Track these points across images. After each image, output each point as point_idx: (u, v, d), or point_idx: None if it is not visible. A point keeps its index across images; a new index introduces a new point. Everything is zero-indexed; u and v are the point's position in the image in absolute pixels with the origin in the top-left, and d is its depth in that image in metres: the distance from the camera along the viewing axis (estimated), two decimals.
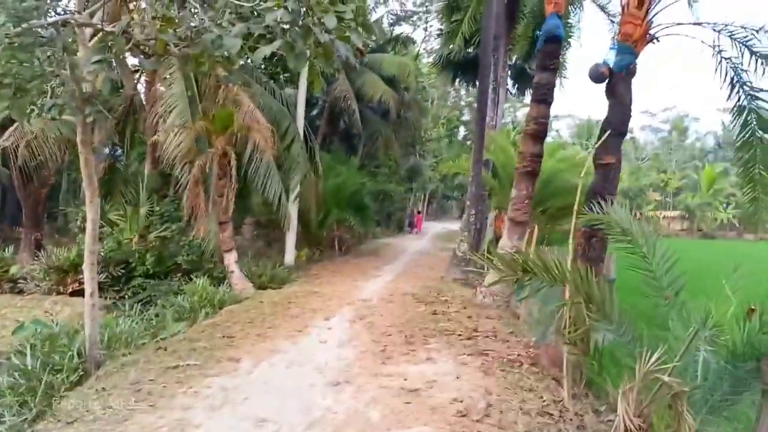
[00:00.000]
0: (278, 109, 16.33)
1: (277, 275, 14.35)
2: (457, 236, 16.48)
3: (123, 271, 12.78)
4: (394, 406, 5.19)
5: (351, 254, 21.08)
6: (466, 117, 56.33)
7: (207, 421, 4.81)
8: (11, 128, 12.87)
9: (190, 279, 12.92)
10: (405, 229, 40.41)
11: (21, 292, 12.46)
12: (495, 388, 5.81)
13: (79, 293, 12.40)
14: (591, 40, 51.14)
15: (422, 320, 9.10)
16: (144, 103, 15.71)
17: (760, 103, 8.54)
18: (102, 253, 12.18)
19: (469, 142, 55.66)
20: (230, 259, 12.77)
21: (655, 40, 8.65)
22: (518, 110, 59.31)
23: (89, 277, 7.07)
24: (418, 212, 45.53)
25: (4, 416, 5.55)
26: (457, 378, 6.09)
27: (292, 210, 15.90)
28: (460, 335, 8.06)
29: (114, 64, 7.04)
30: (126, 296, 12.39)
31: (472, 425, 4.80)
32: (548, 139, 14.62)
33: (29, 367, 6.54)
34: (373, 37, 25.57)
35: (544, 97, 10.62)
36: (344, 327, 8.71)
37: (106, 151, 16.83)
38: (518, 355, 7.07)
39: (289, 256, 16.44)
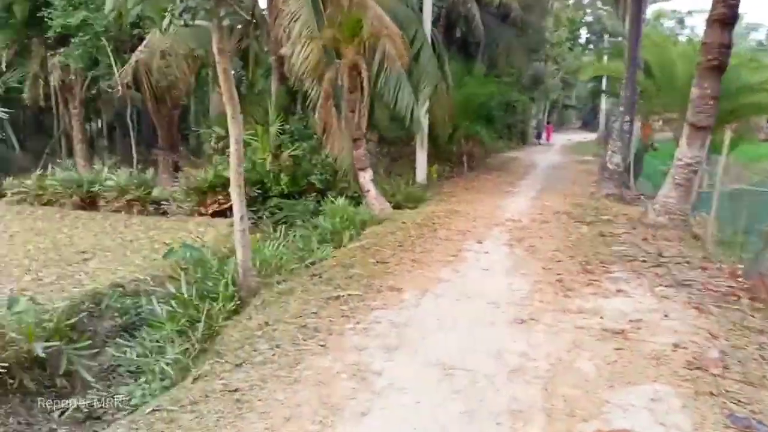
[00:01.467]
0: (404, 14, 15.09)
1: (411, 194, 13.67)
2: (587, 148, 14.88)
3: (259, 191, 12.57)
4: (604, 354, 4.31)
5: (479, 170, 19.97)
6: (589, 18, 51.64)
7: (387, 367, 4.18)
8: (140, 46, 12.71)
9: (323, 198, 12.56)
10: (532, 140, 38.46)
11: (164, 213, 12.63)
12: (718, 330, 4.76)
13: (220, 214, 12.46)
14: None
15: (591, 244, 8.03)
16: (265, 16, 15.06)
17: None
18: None
19: (591, 46, 51.45)
20: (365, 177, 12.14)
21: None
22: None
23: (237, 200, 6.61)
24: (548, 122, 43.26)
25: (166, 350, 5.28)
26: (666, 316, 5.08)
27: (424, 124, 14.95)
28: (644, 261, 6.94)
29: None
30: (264, 216, 12.23)
31: (716, 381, 3.83)
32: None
33: (185, 295, 6.28)
34: None
35: None
36: (503, 251, 7.84)
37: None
38: (729, 286, 5.89)
39: (421, 173, 15.64)
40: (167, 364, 4.94)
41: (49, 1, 13.81)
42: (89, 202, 13.20)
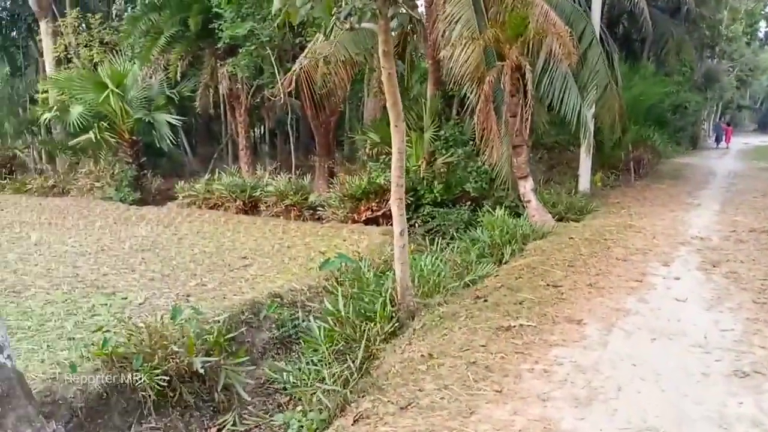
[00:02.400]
0: (571, 9, 14.03)
1: (574, 204, 12.62)
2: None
3: (411, 198, 12.21)
4: None
5: (649, 178, 18.21)
6: None
7: (581, 429, 3.47)
8: (301, 56, 12.91)
9: (478, 208, 11.94)
10: (706, 143, 35.07)
11: (320, 219, 12.70)
12: None
13: (373, 221, 12.28)
14: None
15: None
16: (422, 19, 14.72)
17: None
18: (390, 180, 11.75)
19: None
20: (526, 186, 11.35)
21: None
22: None
23: (397, 213, 6.18)
24: (727, 124, 39.36)
25: (323, 373, 4.96)
26: None
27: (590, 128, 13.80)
28: None
29: None
30: (416, 224, 11.86)
31: None
32: None
33: (342, 312, 5.98)
34: None
35: None
36: (697, 278, 6.74)
37: None
38: None
39: (584, 181, 14.48)
40: (324, 392, 4.60)
41: (219, 14, 14.49)
42: (251, 207, 13.64)
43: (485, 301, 5.98)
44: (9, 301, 6.66)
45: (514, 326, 5.10)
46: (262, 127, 21.57)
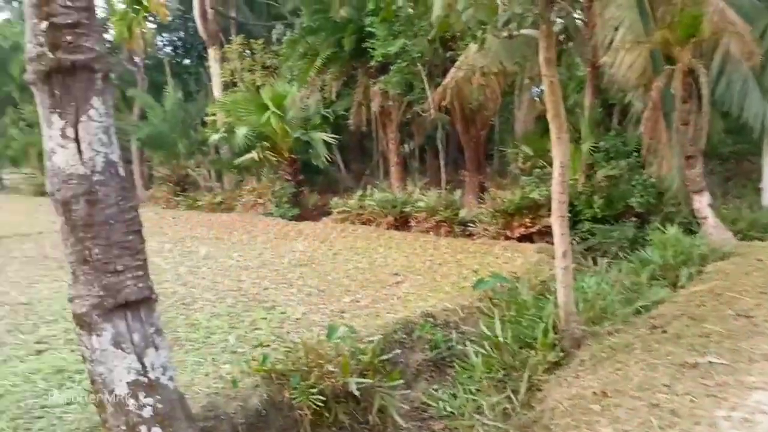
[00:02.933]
0: (750, 5, 12.60)
1: (758, 220, 11.22)
2: None
3: (569, 214, 11.50)
4: None
5: None
6: None
7: None
8: (451, 70, 12.73)
9: (644, 225, 10.98)
10: None
11: (470, 235, 12.38)
12: None
13: (526, 238, 11.71)
14: None
15: None
16: (579, 25, 13.95)
17: None
18: (544, 195, 11.16)
19: None
20: (701, 201, 10.24)
21: None
22: None
23: (559, 232, 5.75)
24: None
25: (481, 405, 4.64)
26: None
27: None
28: None
29: None
30: (573, 242, 11.13)
31: None
32: None
33: (499, 338, 5.64)
34: None
35: None
36: None
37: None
38: None
39: None
40: (483, 425, 4.29)
41: (372, 33, 14.77)
42: (402, 222, 13.66)
43: (664, 331, 5.32)
44: (179, 314, 7.08)
45: (702, 363, 4.45)
46: (412, 143, 21.70)
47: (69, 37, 2.87)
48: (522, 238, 11.63)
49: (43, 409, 4.51)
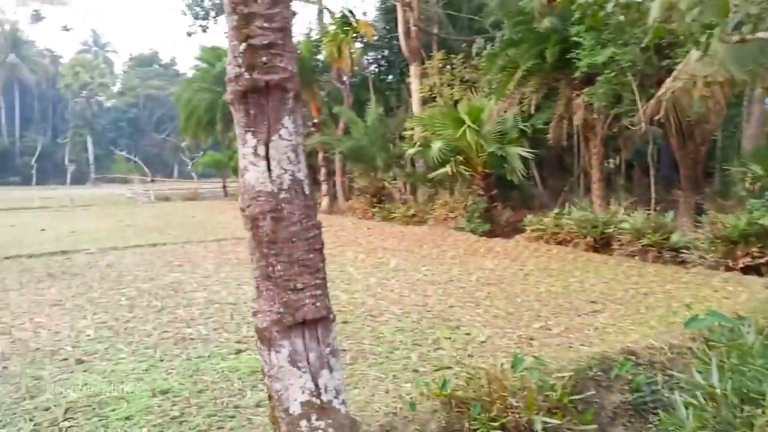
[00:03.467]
0: None
1: None
2: None
3: None
4: None
5: None
6: None
7: None
8: (667, 80, 11.60)
9: None
10: None
11: (683, 263, 11.10)
12: None
13: (753, 270, 10.13)
14: None
15: None
16: None
17: None
18: None
19: None
20: None
21: None
22: None
23: None
24: None
25: None
26: None
27: None
28: None
29: None
30: None
31: None
32: None
33: (716, 388, 4.83)
34: None
35: None
36: None
37: None
38: None
39: None
40: None
41: (578, 42, 14.03)
42: (602, 245, 12.70)
43: None
44: (366, 325, 7.18)
45: None
46: (618, 158, 20.25)
47: (264, 58, 2.93)
48: (747, 270, 10.14)
49: (236, 409, 4.76)
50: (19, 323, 7.43)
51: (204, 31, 37.44)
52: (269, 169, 2.92)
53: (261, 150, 2.93)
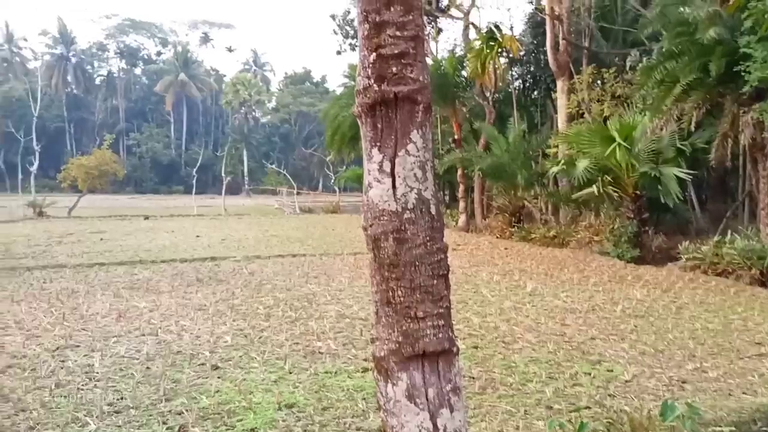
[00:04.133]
0: None
1: None
2: None
3: None
4: None
5: None
6: None
7: None
8: None
9: None
10: None
11: None
12: None
13: None
14: None
15: None
16: None
17: None
18: None
19: None
20: None
21: None
22: None
23: None
24: None
25: None
26: None
27: None
28: None
29: None
30: None
31: None
32: None
33: None
34: None
35: None
36: None
37: None
38: None
39: None
40: None
41: (748, 54, 12.66)
42: None
43: None
44: (497, 352, 6.81)
45: None
46: None
47: (395, 68, 2.77)
48: None
49: (358, 431, 4.63)
50: (165, 325, 7.90)
51: (353, 49, 39.07)
52: (394, 187, 2.74)
53: (386, 166, 2.75)
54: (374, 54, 2.78)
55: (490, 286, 11.18)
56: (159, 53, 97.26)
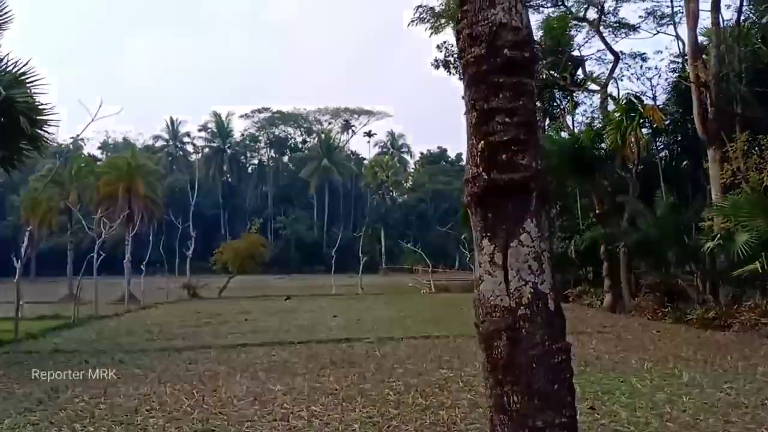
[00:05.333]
0: None
1: None
2: None
3: None
4: None
5: None
6: None
7: None
8: None
9: None
10: None
11: None
12: None
13: None
14: None
15: None
16: None
17: None
18: None
19: None
20: None
21: None
22: None
23: None
24: None
25: None
26: None
27: None
28: None
29: None
30: None
31: None
32: None
33: None
34: None
35: None
36: None
37: None
38: None
39: None
40: None
41: None
42: None
43: None
44: None
45: None
46: None
47: (504, 155, 2.65)
48: None
49: None
50: (297, 410, 7.94)
51: None
52: (507, 280, 2.55)
53: (498, 258, 2.59)
54: (482, 142, 2.68)
55: (640, 374, 10.18)
56: (304, 141, 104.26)
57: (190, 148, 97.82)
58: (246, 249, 35.72)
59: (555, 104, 36.37)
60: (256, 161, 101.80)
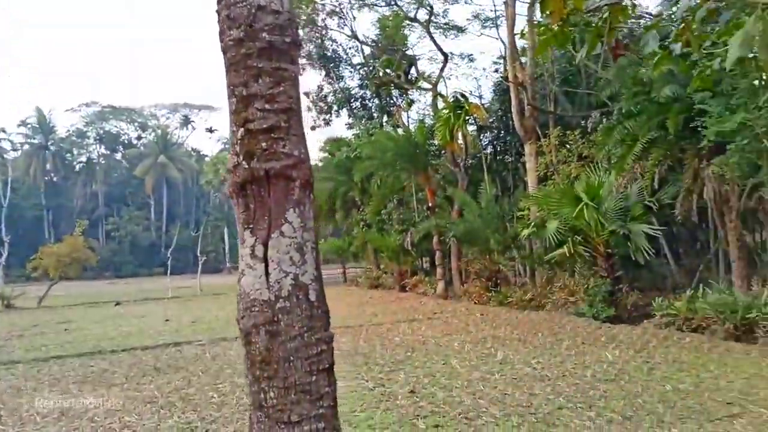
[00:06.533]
0: None
1: None
2: None
3: None
4: None
5: None
6: None
7: None
8: None
9: None
10: None
11: None
12: None
13: None
14: None
15: None
16: None
17: None
18: None
19: None
20: None
21: None
22: None
23: None
24: None
25: None
26: None
27: None
28: None
29: None
30: None
31: None
32: None
33: None
34: None
35: None
36: None
37: None
38: None
39: None
40: None
41: (704, 110, 12.83)
42: (744, 332, 10.97)
43: None
44: (458, 430, 6.39)
45: None
46: (761, 234, 18.01)
47: (264, 144, 2.56)
48: None
49: None
50: (108, 423, 7.38)
51: (327, 124, 39.65)
52: (267, 273, 2.47)
53: (259, 250, 2.50)
54: (242, 129, 2.57)
55: (461, 356, 10.76)
56: (139, 137, 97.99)
57: (6, 145, 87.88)
58: (68, 253, 32.63)
59: (392, 101, 37.57)
60: (84, 158, 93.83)
